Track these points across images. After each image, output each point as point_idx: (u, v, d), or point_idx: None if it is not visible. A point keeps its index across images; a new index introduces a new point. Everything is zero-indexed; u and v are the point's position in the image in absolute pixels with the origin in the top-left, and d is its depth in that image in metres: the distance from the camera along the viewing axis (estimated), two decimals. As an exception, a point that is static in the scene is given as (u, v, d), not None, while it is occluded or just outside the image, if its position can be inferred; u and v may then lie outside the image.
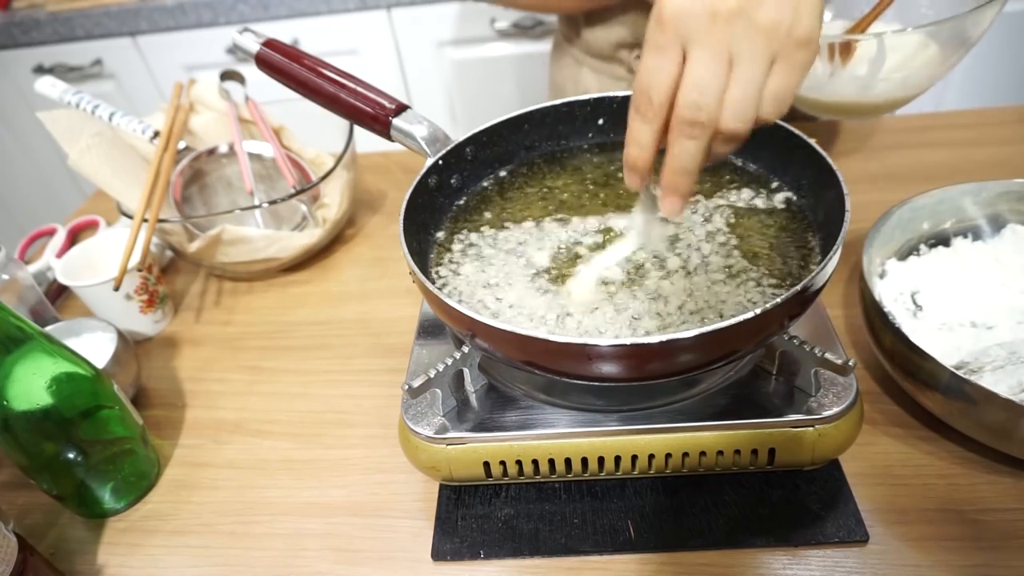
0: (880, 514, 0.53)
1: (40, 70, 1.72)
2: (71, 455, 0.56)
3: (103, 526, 0.60)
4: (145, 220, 0.75)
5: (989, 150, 0.89)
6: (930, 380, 0.53)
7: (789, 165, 0.58)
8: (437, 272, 0.56)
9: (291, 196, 0.81)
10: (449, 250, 0.57)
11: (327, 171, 0.82)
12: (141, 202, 0.76)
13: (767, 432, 0.50)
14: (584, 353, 0.42)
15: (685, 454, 0.52)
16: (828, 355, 0.48)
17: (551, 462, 0.53)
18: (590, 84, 1.04)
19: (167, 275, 0.89)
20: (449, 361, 0.51)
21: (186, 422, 0.69)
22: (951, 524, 0.52)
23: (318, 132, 0.90)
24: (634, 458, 0.52)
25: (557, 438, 0.51)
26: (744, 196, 0.58)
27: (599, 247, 0.55)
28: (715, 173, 0.61)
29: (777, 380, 0.52)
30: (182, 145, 0.87)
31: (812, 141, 0.54)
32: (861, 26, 0.78)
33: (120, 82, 1.75)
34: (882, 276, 0.65)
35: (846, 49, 0.72)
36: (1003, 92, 1.64)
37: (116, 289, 0.71)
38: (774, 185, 0.59)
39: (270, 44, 0.62)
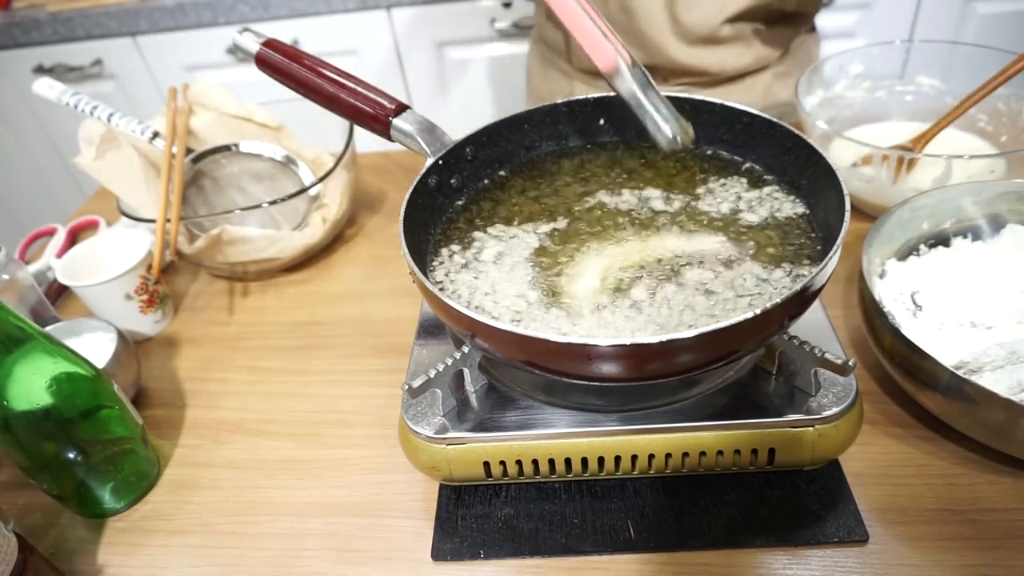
0: (880, 514, 0.53)
1: (40, 70, 1.72)
2: (71, 455, 0.56)
3: (103, 526, 0.60)
4: (168, 220, 0.77)
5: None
6: (930, 380, 0.53)
7: (789, 165, 0.58)
8: (437, 272, 0.56)
9: (291, 196, 0.81)
10: (449, 250, 0.57)
11: (327, 171, 0.82)
12: (161, 202, 0.78)
13: (767, 432, 0.50)
14: (584, 353, 0.42)
15: (685, 454, 0.52)
16: (828, 355, 0.48)
17: (551, 462, 0.53)
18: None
19: (167, 275, 0.89)
20: (449, 361, 0.51)
21: (186, 422, 0.69)
22: (950, 524, 0.52)
23: (318, 132, 0.90)
24: (634, 458, 0.52)
25: (557, 438, 0.51)
26: (743, 196, 0.58)
27: (600, 247, 0.55)
28: (714, 172, 0.61)
29: (777, 380, 0.52)
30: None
31: (812, 141, 0.54)
32: (927, 136, 0.79)
33: (120, 82, 1.75)
34: (882, 276, 0.65)
35: (912, 161, 0.73)
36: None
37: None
38: (773, 185, 0.59)
39: (270, 44, 0.62)
